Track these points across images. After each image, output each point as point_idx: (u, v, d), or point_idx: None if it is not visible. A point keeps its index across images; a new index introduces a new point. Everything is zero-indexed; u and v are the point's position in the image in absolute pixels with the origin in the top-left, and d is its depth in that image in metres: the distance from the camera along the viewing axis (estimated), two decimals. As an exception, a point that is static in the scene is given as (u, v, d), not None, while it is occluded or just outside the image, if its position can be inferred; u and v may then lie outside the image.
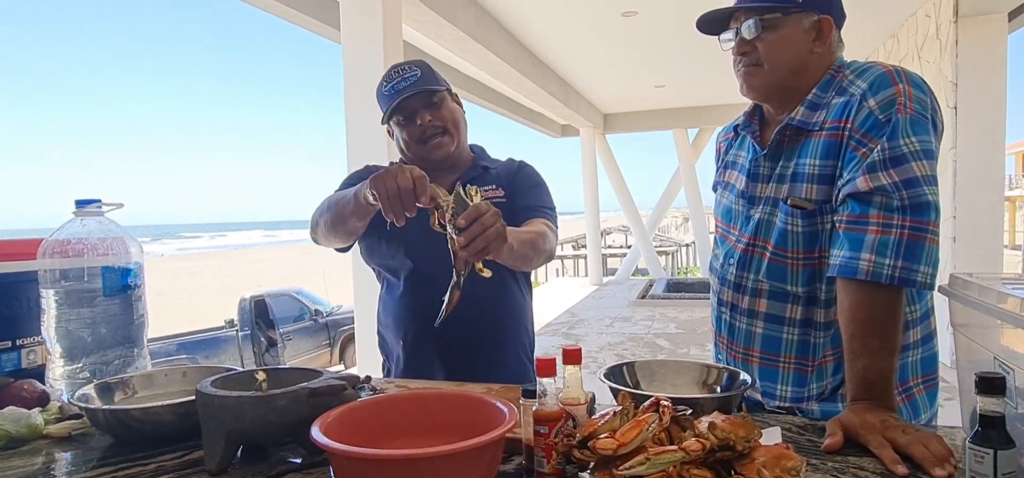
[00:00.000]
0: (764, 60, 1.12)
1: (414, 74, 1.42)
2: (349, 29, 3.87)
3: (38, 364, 1.35)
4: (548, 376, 0.84)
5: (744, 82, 1.17)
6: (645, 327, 7.41)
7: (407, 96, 1.39)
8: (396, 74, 1.43)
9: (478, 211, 1.06)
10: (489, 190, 1.47)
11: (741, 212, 1.21)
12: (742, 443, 0.74)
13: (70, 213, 1.30)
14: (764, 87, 1.16)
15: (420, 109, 1.42)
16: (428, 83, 1.41)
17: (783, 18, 1.11)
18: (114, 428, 1.01)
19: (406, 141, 1.45)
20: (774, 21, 1.11)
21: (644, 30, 6.19)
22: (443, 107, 1.45)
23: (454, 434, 0.82)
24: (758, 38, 1.12)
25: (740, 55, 1.16)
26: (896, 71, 1.04)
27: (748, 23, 1.12)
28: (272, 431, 0.91)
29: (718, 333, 1.27)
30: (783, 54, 1.11)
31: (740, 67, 1.17)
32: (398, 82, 1.42)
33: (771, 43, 1.11)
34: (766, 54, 1.12)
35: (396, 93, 1.41)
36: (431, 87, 1.41)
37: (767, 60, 1.12)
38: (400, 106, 1.41)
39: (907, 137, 0.99)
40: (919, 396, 1.11)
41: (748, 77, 1.16)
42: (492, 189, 1.48)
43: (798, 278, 1.11)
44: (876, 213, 0.99)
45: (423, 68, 1.44)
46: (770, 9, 1.11)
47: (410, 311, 1.45)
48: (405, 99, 1.40)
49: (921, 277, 0.97)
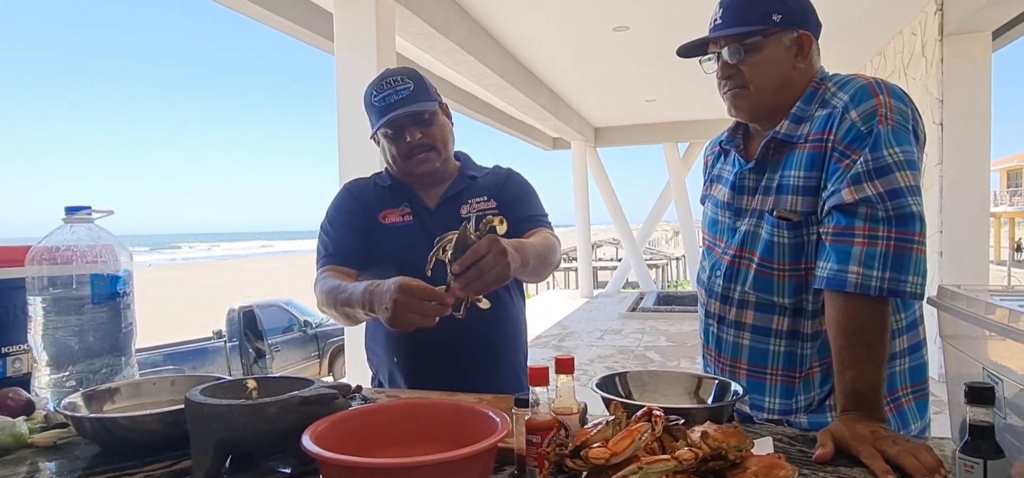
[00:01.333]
0: (750, 82, 1.14)
1: (406, 88, 1.40)
2: (343, 41, 3.88)
3: (24, 373, 1.33)
4: (541, 385, 0.84)
5: (732, 105, 1.19)
6: (635, 340, 7.41)
7: (399, 113, 1.38)
8: (387, 85, 1.40)
9: (477, 254, 1.05)
10: (479, 202, 1.47)
11: (727, 224, 1.22)
12: (734, 452, 0.75)
13: (59, 219, 1.29)
14: (752, 108, 1.17)
15: (409, 125, 1.40)
16: (419, 100, 1.40)
17: (764, 40, 1.12)
18: (101, 437, 1.00)
19: (393, 155, 1.44)
20: (755, 44, 1.12)
21: (635, 45, 6.24)
22: (433, 124, 1.43)
23: (446, 444, 0.81)
24: (741, 61, 1.13)
25: (725, 79, 1.17)
26: (877, 83, 1.06)
27: (729, 48, 1.14)
28: (262, 440, 0.90)
29: (706, 345, 1.28)
30: (767, 75, 1.13)
31: (726, 90, 1.18)
32: (389, 94, 1.40)
33: (754, 65, 1.13)
34: (751, 76, 1.14)
35: (387, 107, 1.39)
36: (422, 105, 1.40)
37: (752, 82, 1.14)
38: (391, 121, 1.39)
39: (890, 148, 1.01)
40: (908, 406, 1.11)
41: (736, 100, 1.17)
42: (483, 201, 1.47)
43: (784, 289, 1.12)
44: (862, 225, 1.00)
45: (415, 80, 1.42)
46: (750, 33, 1.12)
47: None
48: (396, 115, 1.38)
49: (909, 287, 0.98)
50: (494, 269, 1.06)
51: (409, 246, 1.41)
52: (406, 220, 1.44)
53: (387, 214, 1.45)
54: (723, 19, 1.14)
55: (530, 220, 1.46)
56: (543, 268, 1.35)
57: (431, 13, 4.48)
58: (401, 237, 1.43)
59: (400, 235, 1.43)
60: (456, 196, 1.47)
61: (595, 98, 9.32)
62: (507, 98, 7.27)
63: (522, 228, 1.44)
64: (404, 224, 1.44)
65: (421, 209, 1.46)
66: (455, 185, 1.49)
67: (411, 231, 1.43)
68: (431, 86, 1.46)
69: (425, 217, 1.45)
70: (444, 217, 1.44)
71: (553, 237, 1.43)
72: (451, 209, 1.45)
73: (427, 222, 1.44)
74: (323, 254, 1.46)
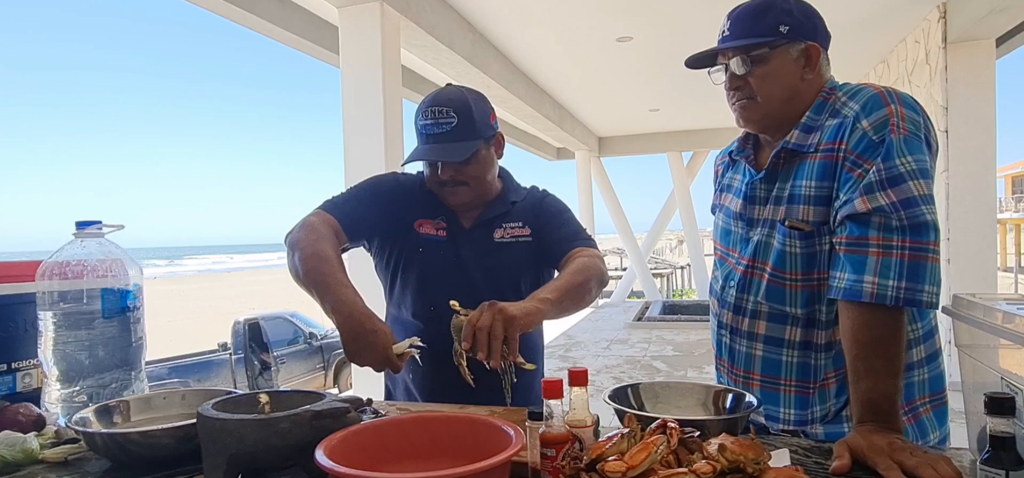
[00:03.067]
0: (757, 93, 1.14)
1: (449, 123, 1.32)
2: (348, 53, 3.90)
3: (34, 388, 1.33)
4: (554, 398, 0.83)
5: (740, 116, 1.19)
6: (642, 349, 7.38)
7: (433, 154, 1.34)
8: (432, 114, 1.33)
9: (471, 325, 1.08)
10: (514, 228, 1.43)
11: (740, 234, 1.22)
12: (752, 465, 0.74)
13: (70, 234, 1.29)
14: (760, 119, 1.17)
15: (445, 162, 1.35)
16: (460, 137, 1.33)
17: (771, 51, 1.12)
18: (112, 452, 1.00)
19: (429, 179, 1.42)
20: (762, 55, 1.12)
21: (638, 55, 6.26)
22: (471, 163, 1.35)
23: (459, 457, 0.81)
24: (749, 73, 1.14)
25: (733, 90, 1.17)
26: (888, 92, 1.06)
27: (737, 59, 1.14)
28: (274, 455, 0.89)
29: (719, 356, 1.27)
30: (775, 86, 1.13)
31: (735, 102, 1.18)
32: (431, 125, 1.33)
33: (762, 77, 1.13)
34: (758, 87, 1.14)
35: (426, 137, 1.34)
36: (460, 145, 1.33)
37: (760, 93, 1.14)
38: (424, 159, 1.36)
39: (902, 157, 1.00)
40: (926, 416, 1.10)
41: (744, 111, 1.17)
42: (517, 227, 1.43)
43: (797, 299, 1.12)
44: (876, 235, 0.99)
45: (461, 114, 1.33)
46: (757, 45, 1.12)
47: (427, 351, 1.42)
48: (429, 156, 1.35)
49: (926, 297, 0.97)
50: (496, 323, 1.07)
51: (439, 264, 1.39)
52: (440, 235, 1.42)
53: (423, 223, 1.42)
54: (731, 31, 1.15)
55: (565, 241, 1.40)
56: (582, 295, 1.27)
57: (434, 25, 4.50)
58: (431, 251, 1.40)
59: (431, 249, 1.40)
60: (491, 220, 1.43)
61: (598, 108, 9.34)
62: (511, 109, 7.29)
63: (559, 250, 1.40)
64: (438, 239, 1.41)
65: (457, 228, 1.43)
66: (493, 208, 1.44)
67: (443, 249, 1.40)
68: (480, 117, 1.37)
69: (458, 237, 1.42)
70: (479, 240, 1.42)
71: (593, 256, 1.35)
72: (485, 233, 1.42)
73: (459, 242, 1.41)
74: (330, 201, 1.39)
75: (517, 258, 1.42)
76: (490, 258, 1.41)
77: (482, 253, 1.41)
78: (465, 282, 1.38)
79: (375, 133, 3.74)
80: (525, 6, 4.98)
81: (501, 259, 1.41)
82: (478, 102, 1.39)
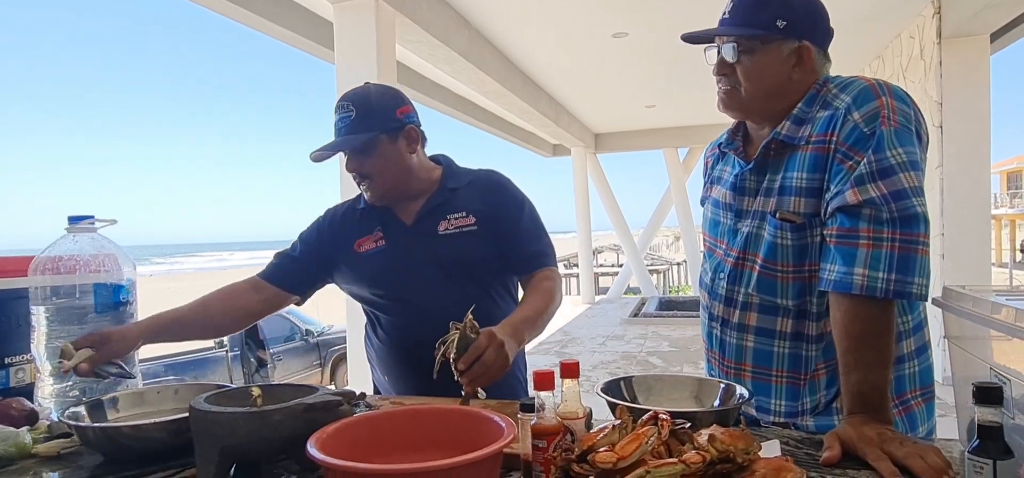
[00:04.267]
0: (741, 83, 1.14)
1: (348, 116, 1.37)
2: (343, 50, 3.89)
3: (27, 383, 1.33)
4: (546, 390, 0.84)
5: (721, 101, 1.19)
6: (638, 345, 7.40)
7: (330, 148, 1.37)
8: (337, 109, 1.39)
9: (478, 350, 1.10)
10: (458, 218, 1.41)
11: (728, 226, 1.22)
12: (742, 455, 0.74)
13: (63, 229, 1.29)
14: (739, 108, 1.18)
15: (348, 156, 1.39)
16: (356, 130, 1.36)
17: (762, 45, 1.12)
18: (105, 446, 1.00)
19: None
20: (753, 46, 1.12)
21: (634, 51, 6.26)
22: (370, 155, 1.37)
23: (452, 449, 0.81)
24: (737, 61, 1.14)
25: (719, 74, 1.18)
26: (879, 84, 1.06)
27: (727, 46, 1.14)
28: (266, 447, 0.90)
29: (709, 348, 1.28)
30: (760, 80, 1.13)
31: (719, 86, 1.19)
32: (337, 120, 1.39)
33: (748, 68, 1.13)
34: (743, 78, 1.14)
35: (335, 133, 1.40)
36: (354, 137, 1.36)
37: (744, 84, 1.14)
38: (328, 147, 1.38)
39: (893, 149, 1.00)
40: (917, 409, 1.11)
41: (725, 97, 1.18)
42: (461, 216, 1.41)
43: (788, 291, 1.12)
44: (866, 227, 1.00)
45: (359, 106, 1.37)
46: (749, 37, 1.12)
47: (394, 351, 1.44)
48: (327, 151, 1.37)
49: (915, 289, 0.97)
50: (495, 363, 1.12)
51: (381, 273, 1.41)
52: (380, 246, 1.43)
53: (362, 242, 1.45)
54: (731, 15, 1.14)
55: (533, 258, 1.42)
56: (542, 325, 1.36)
57: (430, 22, 4.49)
58: (374, 264, 1.42)
59: (373, 262, 1.42)
60: (432, 211, 1.43)
61: (594, 104, 9.34)
62: (506, 105, 7.28)
63: (526, 266, 1.42)
64: (378, 250, 1.43)
65: (396, 229, 1.43)
66: (433, 199, 1.44)
67: (383, 257, 1.42)
68: (381, 109, 1.39)
69: (399, 238, 1.43)
70: (420, 235, 1.42)
71: (552, 279, 1.41)
72: (427, 225, 1.42)
73: (403, 245, 1.42)
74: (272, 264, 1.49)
75: (464, 250, 1.40)
76: (436, 252, 1.40)
77: (427, 249, 1.40)
78: (417, 281, 1.39)
79: (370, 129, 3.73)
80: (521, 2, 4.97)
81: (449, 252, 1.40)
82: (382, 96, 1.41)
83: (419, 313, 1.36)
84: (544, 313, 1.35)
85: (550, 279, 1.41)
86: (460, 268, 1.40)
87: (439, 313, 1.19)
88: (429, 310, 1.33)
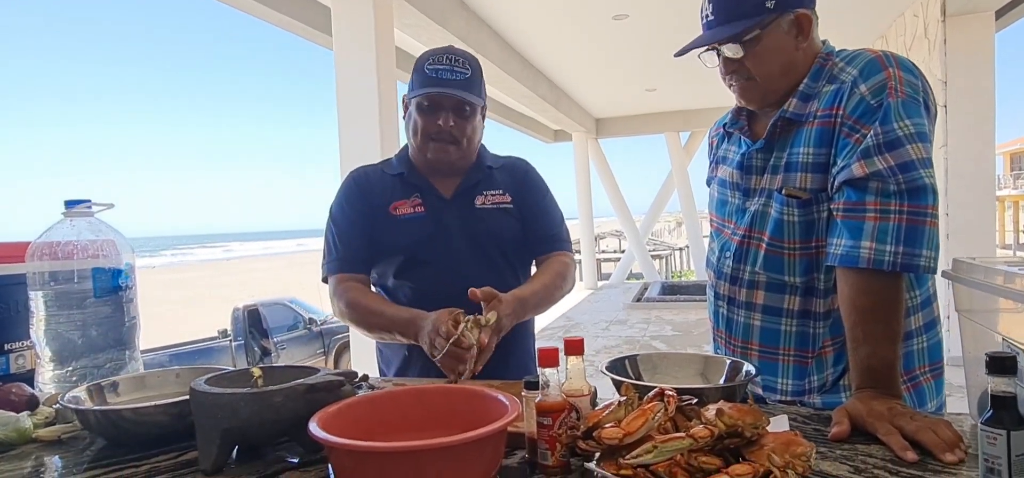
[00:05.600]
0: (755, 74, 1.11)
1: (464, 73, 1.35)
2: (341, 34, 3.86)
3: (27, 369, 1.32)
4: (550, 367, 0.82)
5: (741, 97, 1.16)
6: (641, 330, 7.40)
7: (446, 92, 1.34)
8: (446, 60, 1.35)
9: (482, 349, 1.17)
10: (495, 194, 1.45)
11: (736, 205, 1.20)
12: (750, 430, 0.73)
13: (59, 214, 1.27)
14: (762, 97, 1.14)
15: (447, 110, 1.36)
16: (470, 91, 1.36)
17: (762, 31, 1.08)
18: (105, 429, 0.99)
19: (418, 128, 1.39)
20: (755, 37, 1.08)
21: (635, 33, 6.21)
22: (470, 120, 1.39)
23: (456, 428, 0.80)
24: (744, 56, 1.10)
25: (729, 74, 1.14)
26: (885, 55, 1.04)
27: (730, 46, 1.10)
28: (268, 429, 0.89)
29: (716, 328, 1.26)
30: (772, 63, 1.10)
31: (733, 84, 1.15)
32: (444, 69, 1.34)
33: (756, 56, 1.10)
34: (755, 68, 1.11)
35: (436, 81, 1.34)
36: (470, 98, 1.36)
37: (757, 73, 1.11)
38: (433, 95, 1.35)
39: (900, 120, 0.98)
40: (925, 385, 1.10)
41: (744, 92, 1.15)
42: (499, 194, 1.45)
43: (795, 268, 1.10)
44: (873, 200, 0.98)
45: (475, 69, 1.38)
46: (747, 29, 1.08)
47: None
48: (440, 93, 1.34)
49: (923, 261, 0.96)
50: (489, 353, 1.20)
51: (421, 239, 1.39)
52: (418, 211, 1.41)
53: (398, 205, 1.42)
54: (715, 15, 1.10)
55: (549, 241, 1.47)
56: (547, 306, 1.40)
57: (428, 3, 4.45)
58: (413, 229, 1.40)
59: (412, 227, 1.40)
60: (472, 187, 1.45)
61: (595, 88, 9.28)
62: (506, 89, 7.24)
63: (540, 249, 1.47)
64: (416, 215, 1.41)
65: (435, 200, 1.43)
66: (471, 176, 1.45)
67: (423, 223, 1.40)
68: (484, 84, 1.44)
69: (440, 208, 1.42)
70: (459, 208, 1.42)
71: (566, 262, 1.45)
72: (466, 200, 1.43)
73: (442, 214, 1.41)
74: (334, 257, 1.44)
75: (500, 226, 1.43)
76: (472, 226, 1.42)
77: (464, 221, 1.42)
78: (449, 252, 1.39)
79: (370, 114, 3.71)
80: (520, -16, 4.93)
81: (484, 226, 1.42)
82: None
83: (445, 284, 1.34)
84: (554, 291, 1.39)
85: (564, 262, 1.46)
86: (494, 243, 1.42)
87: (463, 284, 1.22)
88: (457, 282, 1.31)
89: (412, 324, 1.27)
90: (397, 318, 1.31)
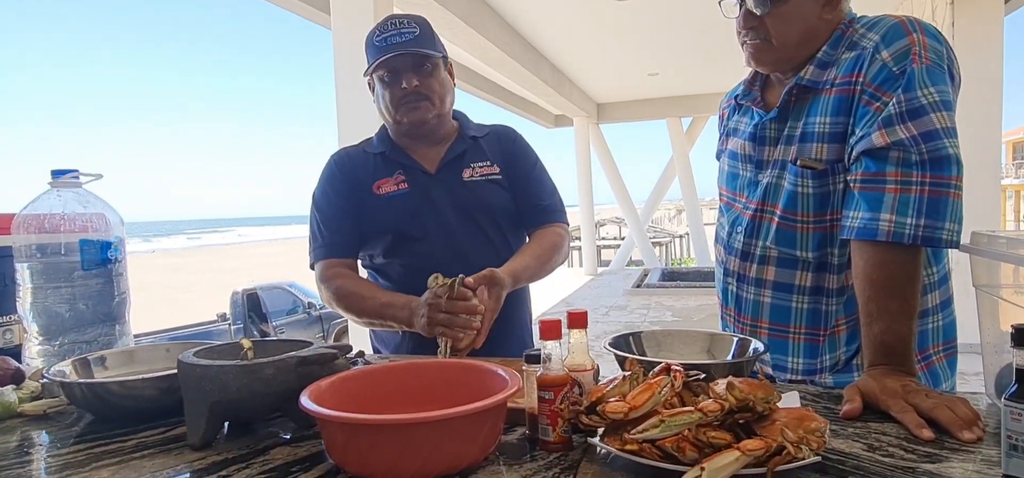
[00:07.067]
0: (773, 36, 1.06)
1: (412, 32, 1.32)
2: (339, 13, 3.80)
3: (16, 344, 1.29)
4: (553, 339, 0.79)
5: (752, 57, 1.11)
6: (641, 315, 7.39)
7: (396, 55, 1.31)
8: (392, 26, 1.33)
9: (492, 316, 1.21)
10: (482, 166, 1.42)
11: (748, 178, 1.16)
12: (762, 404, 0.70)
13: (45, 184, 1.24)
14: (774, 63, 1.10)
15: (407, 71, 1.33)
16: (423, 45, 1.33)
17: None
18: (92, 404, 0.96)
19: (387, 102, 1.37)
20: None
21: (637, 16, 6.13)
22: (433, 75, 1.36)
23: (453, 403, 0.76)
24: (766, 13, 1.05)
25: (747, 29, 1.09)
26: (909, 21, 0.99)
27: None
28: (259, 403, 0.85)
29: (725, 305, 1.23)
30: (792, 29, 1.05)
31: (747, 41, 1.10)
32: (392, 35, 1.32)
33: (780, 17, 1.04)
34: (774, 29, 1.05)
35: (388, 48, 1.32)
36: (425, 51, 1.33)
37: (776, 36, 1.06)
38: (388, 62, 1.32)
39: (924, 87, 0.94)
40: (939, 364, 1.06)
41: (756, 53, 1.09)
42: (486, 165, 1.42)
43: (808, 243, 1.06)
44: (894, 170, 0.94)
45: (422, 26, 1.35)
46: None
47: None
48: (394, 57, 1.31)
49: (946, 234, 0.92)
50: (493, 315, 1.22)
51: (406, 216, 1.36)
52: (401, 188, 1.38)
53: (381, 184, 1.39)
54: None
55: (543, 212, 1.44)
56: (541, 272, 1.38)
57: (429, -16, 4.39)
58: (397, 207, 1.37)
59: (396, 205, 1.37)
60: (458, 159, 1.41)
61: (597, 72, 9.20)
62: (508, 72, 7.17)
63: (534, 221, 1.44)
64: (400, 192, 1.38)
65: (419, 174, 1.39)
66: (456, 147, 1.42)
67: (407, 199, 1.37)
68: (438, 38, 1.39)
69: (425, 183, 1.39)
70: (446, 181, 1.39)
71: (561, 233, 1.44)
72: (453, 172, 1.40)
73: (428, 189, 1.38)
74: (320, 244, 1.41)
75: (490, 198, 1.40)
76: (463, 199, 1.38)
77: (453, 194, 1.38)
78: (439, 226, 1.36)
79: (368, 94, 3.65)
80: (522, -36, 4.86)
81: (475, 198, 1.39)
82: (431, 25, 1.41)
83: (438, 259, 1.31)
84: (547, 262, 1.38)
85: (558, 234, 1.44)
86: (486, 215, 1.40)
87: (457, 258, 1.21)
88: (451, 256, 1.30)
89: (405, 308, 1.25)
90: (390, 304, 1.29)
